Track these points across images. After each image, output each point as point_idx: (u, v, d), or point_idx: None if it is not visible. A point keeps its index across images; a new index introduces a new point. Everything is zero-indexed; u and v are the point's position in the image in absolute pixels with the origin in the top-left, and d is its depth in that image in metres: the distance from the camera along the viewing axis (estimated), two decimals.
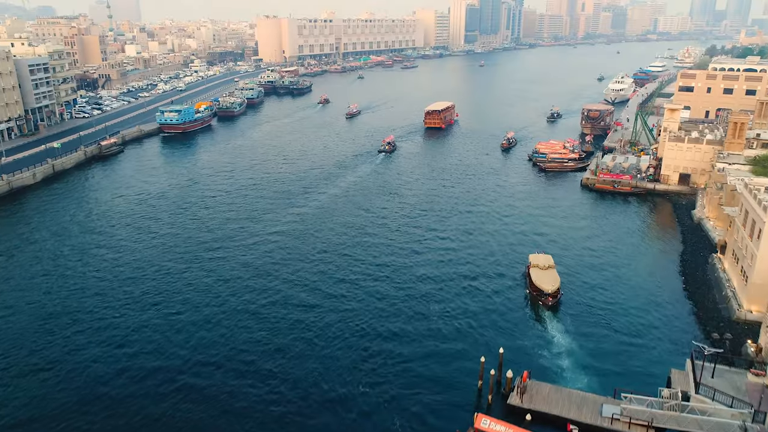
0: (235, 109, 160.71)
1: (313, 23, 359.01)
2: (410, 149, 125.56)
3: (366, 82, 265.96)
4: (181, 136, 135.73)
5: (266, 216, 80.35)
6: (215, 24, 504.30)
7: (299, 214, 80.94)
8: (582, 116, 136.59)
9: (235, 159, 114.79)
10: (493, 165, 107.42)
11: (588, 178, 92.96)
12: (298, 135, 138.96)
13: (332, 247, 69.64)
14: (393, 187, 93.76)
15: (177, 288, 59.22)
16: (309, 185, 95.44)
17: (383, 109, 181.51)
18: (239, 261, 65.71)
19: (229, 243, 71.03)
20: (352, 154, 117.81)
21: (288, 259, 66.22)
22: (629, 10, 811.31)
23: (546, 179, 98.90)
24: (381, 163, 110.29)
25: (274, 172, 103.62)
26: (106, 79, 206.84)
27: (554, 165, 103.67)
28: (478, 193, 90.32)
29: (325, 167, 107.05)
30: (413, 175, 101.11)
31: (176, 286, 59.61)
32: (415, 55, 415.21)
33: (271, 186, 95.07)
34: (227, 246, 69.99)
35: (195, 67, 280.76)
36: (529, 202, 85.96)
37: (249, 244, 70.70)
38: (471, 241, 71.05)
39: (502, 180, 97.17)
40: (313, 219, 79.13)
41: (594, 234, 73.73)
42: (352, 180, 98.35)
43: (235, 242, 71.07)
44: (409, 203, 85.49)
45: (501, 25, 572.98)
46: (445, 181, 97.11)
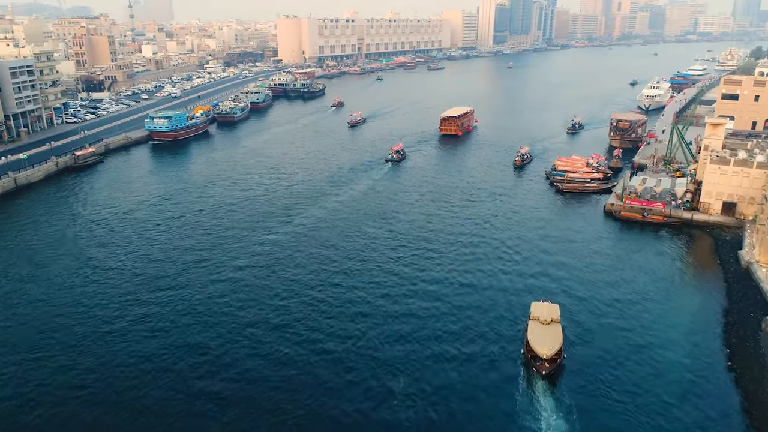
0: (235, 114, 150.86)
1: (335, 23, 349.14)
2: (419, 160, 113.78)
3: (384, 85, 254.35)
4: (171, 145, 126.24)
5: (232, 246, 69.32)
6: (240, 24, 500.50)
7: (269, 244, 69.74)
8: (610, 126, 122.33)
9: (220, 172, 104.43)
10: (505, 184, 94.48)
11: (612, 204, 79.45)
12: (298, 144, 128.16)
13: (298, 289, 58.23)
14: (387, 210, 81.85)
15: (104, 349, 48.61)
16: (293, 205, 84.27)
17: (398, 113, 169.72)
18: (185, 306, 54.82)
19: (180, 279, 60.31)
20: (351, 166, 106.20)
21: (240, 307, 55.02)
22: (668, 10, 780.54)
23: (563, 203, 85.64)
24: (382, 179, 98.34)
25: (258, 189, 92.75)
26: (113, 81, 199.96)
27: (574, 186, 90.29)
28: (483, 219, 77.71)
29: (318, 182, 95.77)
30: (412, 195, 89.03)
31: (101, 347, 48.97)
32: (440, 56, 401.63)
33: (249, 206, 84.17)
34: (178, 284, 59.19)
35: (210, 68, 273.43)
36: (541, 232, 73.05)
37: (203, 283, 59.77)
38: (467, 287, 58.67)
39: (512, 203, 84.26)
40: (283, 250, 67.81)
41: (615, 278, 60.58)
42: (343, 199, 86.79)
43: (188, 278, 60.24)
44: (401, 232, 73.44)
45: (532, 25, 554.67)
46: (447, 204, 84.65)
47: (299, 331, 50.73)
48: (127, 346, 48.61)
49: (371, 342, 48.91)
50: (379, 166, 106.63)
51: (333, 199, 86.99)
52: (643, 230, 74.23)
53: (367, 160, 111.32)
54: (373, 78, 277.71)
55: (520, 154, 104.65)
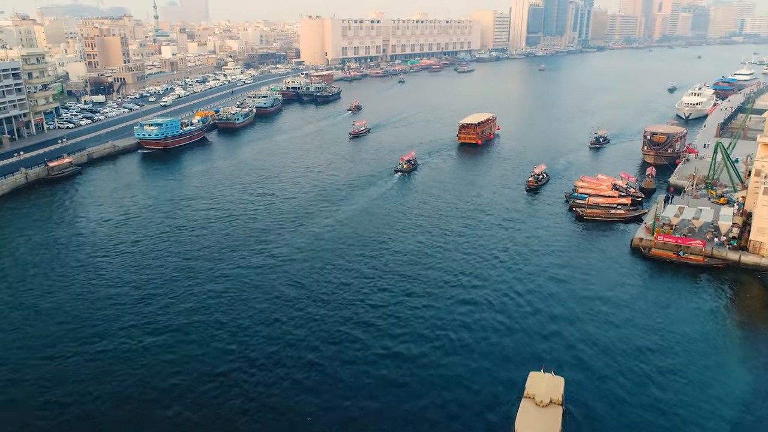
0: (236, 120, 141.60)
1: (359, 24, 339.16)
2: (430, 172, 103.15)
3: (406, 88, 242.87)
4: (162, 154, 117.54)
5: (182, 284, 59.11)
6: (268, 25, 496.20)
7: (230, 279, 59.31)
8: (644, 140, 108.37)
9: (202, 186, 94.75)
10: (517, 207, 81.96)
11: (641, 238, 66.51)
12: (298, 154, 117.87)
13: (249, 340, 47.69)
14: (376, 238, 70.61)
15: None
16: (270, 230, 73.75)
17: (415, 119, 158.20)
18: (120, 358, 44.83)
19: (130, 313, 50.42)
20: (349, 182, 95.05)
21: (171, 363, 44.69)
22: (712, 11, 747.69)
23: (582, 234, 72.93)
24: (379, 198, 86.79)
25: (236, 209, 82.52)
26: (122, 83, 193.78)
27: (596, 212, 77.43)
28: (485, 253, 65.67)
29: (306, 202, 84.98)
30: (409, 217, 77.49)
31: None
32: (468, 58, 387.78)
33: (218, 231, 73.95)
34: (99, 336, 49.25)
35: (228, 70, 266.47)
36: (552, 273, 60.72)
37: (131, 337, 49.67)
38: (456, 350, 47.21)
39: (522, 233, 71.83)
40: (241, 289, 57.25)
41: (640, 341, 48.14)
42: (329, 223, 75.85)
43: (112, 333, 50.22)
44: (386, 269, 61.99)
45: (567, 26, 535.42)
46: (447, 231, 72.71)
47: (221, 412, 40.09)
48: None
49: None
50: (382, 181, 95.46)
51: (320, 222, 76.14)
52: (678, 274, 61.27)
53: (369, 174, 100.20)
54: (395, 81, 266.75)
55: (534, 175, 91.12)
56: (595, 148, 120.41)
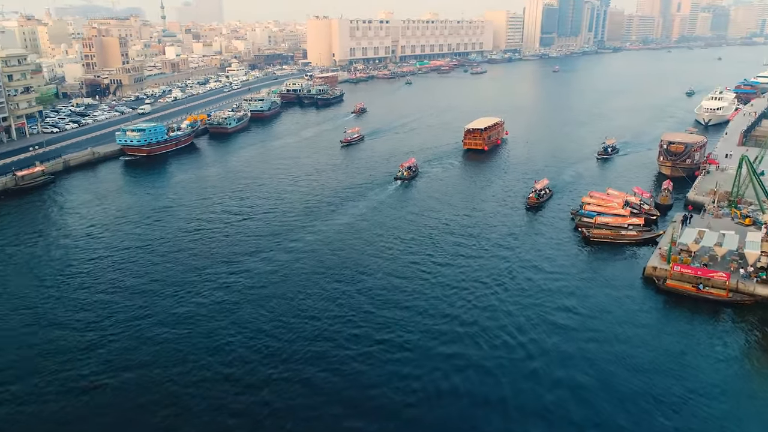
0: (228, 125, 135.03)
1: (367, 24, 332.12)
2: (428, 182, 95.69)
3: (413, 91, 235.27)
4: (146, 161, 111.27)
5: (121, 322, 52.25)
6: (278, 25, 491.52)
7: (188, 311, 52.33)
8: (660, 149, 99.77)
9: (181, 197, 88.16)
10: (518, 226, 74.06)
11: (655, 267, 58.41)
12: (289, 161, 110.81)
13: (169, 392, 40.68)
14: (353, 264, 63.06)
15: None
16: (247, 246, 66.84)
17: (420, 123, 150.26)
18: None
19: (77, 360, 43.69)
20: (337, 193, 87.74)
21: None
22: (732, 11, 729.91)
23: (589, 259, 64.86)
24: (366, 213, 79.27)
25: (212, 222, 75.67)
26: (118, 85, 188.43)
27: (605, 233, 69.36)
28: (478, 286, 57.87)
29: (286, 216, 77.77)
30: (396, 237, 69.84)
31: None
32: (479, 59, 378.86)
33: (190, 248, 67.07)
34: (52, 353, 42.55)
35: (231, 71, 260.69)
36: (554, 310, 52.93)
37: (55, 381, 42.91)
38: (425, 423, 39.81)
39: (521, 260, 63.71)
40: (198, 322, 50.24)
41: (651, 403, 40.33)
42: (310, 241, 68.55)
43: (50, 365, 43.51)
44: (358, 308, 54.18)
45: (582, 26, 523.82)
46: (437, 256, 64.94)
47: None
48: None
49: None
50: (373, 193, 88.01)
51: (300, 240, 68.85)
52: (698, 311, 53.13)
53: (362, 184, 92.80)
54: (402, 82, 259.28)
55: (535, 191, 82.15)
56: (603, 158, 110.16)
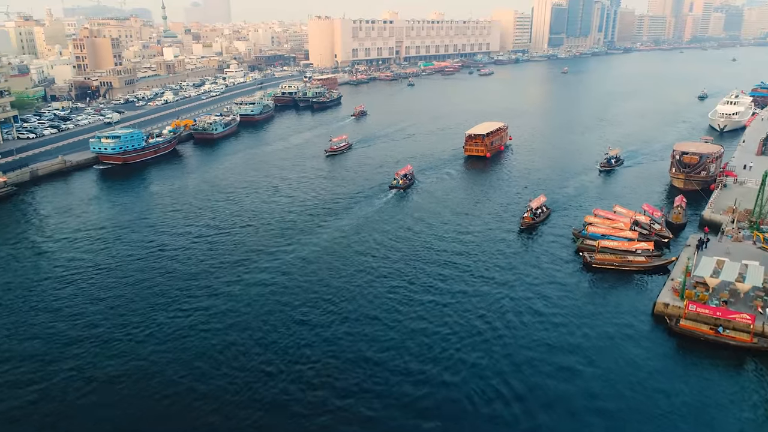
0: (214, 130, 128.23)
1: (370, 24, 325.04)
2: (421, 194, 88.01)
3: (415, 93, 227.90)
4: (122, 170, 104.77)
5: (62, 367, 45.36)
6: (282, 25, 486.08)
7: (137, 344, 45.35)
8: (672, 160, 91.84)
9: (150, 210, 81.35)
10: (512, 248, 66.37)
11: (667, 304, 50.67)
12: (273, 170, 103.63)
13: None
14: (329, 291, 55.87)
15: None
16: (209, 269, 59.84)
17: (417, 130, 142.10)
18: None
19: None
20: (325, 206, 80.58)
21: None
22: (746, 11, 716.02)
23: (591, 289, 57.07)
24: (354, 229, 72.12)
25: (176, 241, 68.72)
26: (108, 88, 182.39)
27: (609, 258, 61.66)
28: (461, 323, 50.44)
29: (264, 234, 70.75)
30: (377, 262, 62.50)
31: None
32: (485, 60, 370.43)
33: (145, 267, 60.16)
34: None
35: (230, 72, 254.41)
36: (542, 350, 45.47)
37: None
38: None
39: (513, 294, 55.83)
40: (141, 359, 43.30)
41: None
42: (277, 267, 61.39)
43: None
44: (318, 360, 47.20)
45: (592, 27, 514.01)
46: (418, 286, 57.47)
47: None
48: None
49: None
50: (359, 207, 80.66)
51: (266, 267, 61.72)
52: (717, 359, 45.42)
53: (348, 196, 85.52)
54: (405, 84, 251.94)
55: (530, 210, 73.36)
56: (605, 171, 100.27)
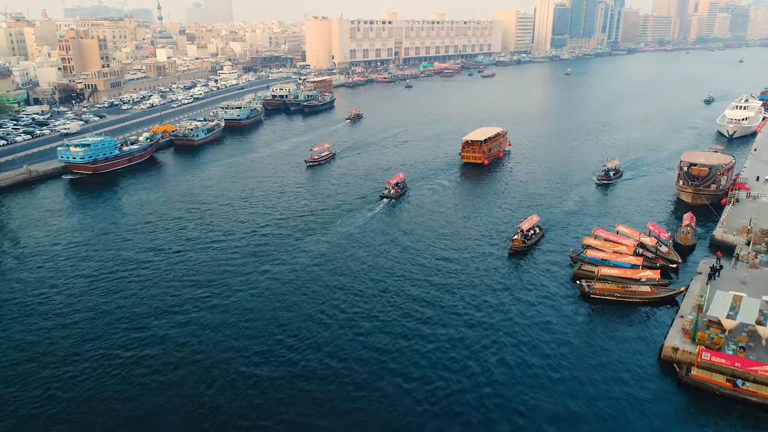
0: (195, 137, 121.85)
1: (369, 25, 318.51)
2: (409, 209, 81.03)
3: (413, 95, 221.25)
4: (92, 180, 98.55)
5: None
6: (281, 26, 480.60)
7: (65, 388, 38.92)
8: (679, 171, 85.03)
9: (113, 226, 74.91)
10: (502, 274, 59.50)
11: (675, 348, 43.96)
12: (253, 181, 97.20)
13: None
14: (297, 326, 49.40)
15: None
16: (169, 299, 53.42)
17: (410, 136, 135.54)
18: None
19: None
20: (300, 224, 74.03)
21: None
22: (752, 11, 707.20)
23: (589, 326, 50.25)
24: (331, 249, 65.55)
25: (135, 262, 62.28)
26: (93, 90, 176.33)
27: (609, 288, 54.90)
28: (435, 369, 43.93)
29: (233, 256, 64.26)
30: (350, 290, 55.95)
31: None
32: (486, 61, 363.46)
33: (81, 304, 53.78)
34: None
35: (223, 74, 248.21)
36: (539, 407, 38.90)
37: None
38: None
39: (498, 334, 48.92)
40: None
41: None
42: (230, 301, 54.99)
43: None
44: (267, 414, 40.80)
45: (596, 27, 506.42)
46: (388, 324, 50.88)
47: None
48: None
49: None
50: (339, 222, 74.15)
51: (230, 295, 55.22)
52: (736, 417, 38.70)
53: (331, 209, 79.01)
54: (402, 86, 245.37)
55: (521, 232, 65.76)
56: (603, 184, 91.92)
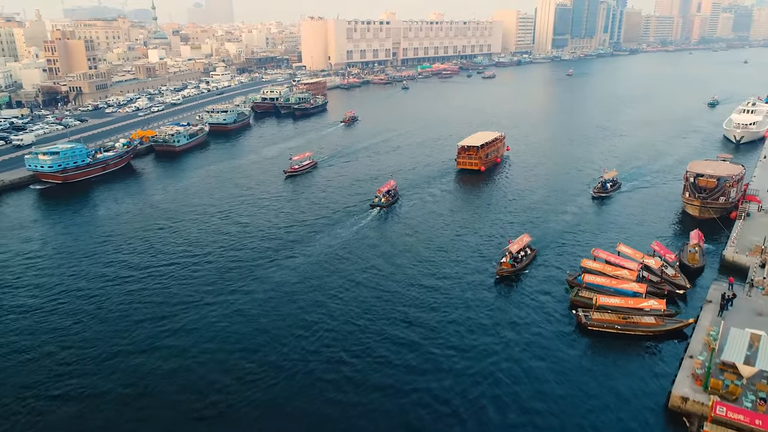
0: (176, 143, 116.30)
1: (366, 25, 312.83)
2: (395, 221, 75.40)
3: (409, 97, 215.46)
4: (61, 189, 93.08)
5: None
6: (279, 26, 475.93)
7: None
8: (685, 183, 79.28)
9: (75, 243, 69.38)
10: (488, 302, 53.57)
11: (686, 399, 38.21)
12: (232, 191, 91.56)
13: None
14: (216, 389, 43.88)
15: None
16: (113, 330, 47.89)
17: (405, 141, 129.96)
18: None
19: None
20: (277, 240, 68.42)
21: None
22: (755, 11, 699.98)
23: (586, 364, 44.46)
24: (309, 267, 59.94)
25: (88, 288, 56.69)
26: (78, 93, 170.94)
27: (609, 319, 49.17)
28: (410, 410, 38.39)
29: (196, 281, 58.71)
30: (319, 323, 50.40)
31: None
32: (485, 62, 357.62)
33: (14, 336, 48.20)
34: None
35: (216, 75, 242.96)
36: None
37: None
38: None
39: (484, 379, 43.60)
40: None
41: None
42: (186, 339, 49.42)
43: None
44: None
45: (597, 27, 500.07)
46: (362, 364, 45.37)
47: None
48: None
49: None
50: (321, 239, 68.59)
51: (184, 330, 49.66)
52: None
53: (311, 222, 73.41)
54: (399, 88, 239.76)
55: (509, 254, 58.63)
56: (600, 197, 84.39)
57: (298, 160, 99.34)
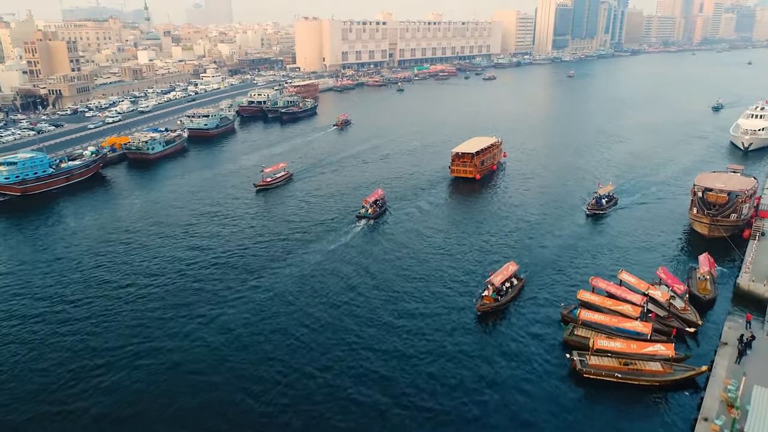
0: (150, 150, 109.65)
1: (362, 26, 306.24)
2: (374, 243, 68.10)
3: (404, 100, 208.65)
4: (20, 202, 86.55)
5: None
6: (275, 27, 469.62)
7: None
8: (693, 198, 72.52)
9: (29, 264, 62.94)
10: (469, 346, 46.47)
11: None
12: (202, 205, 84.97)
13: None
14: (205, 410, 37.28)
15: None
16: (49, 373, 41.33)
17: (397, 145, 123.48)
18: None
19: None
20: (247, 259, 61.75)
21: None
22: (758, 11, 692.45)
23: (579, 424, 38.04)
24: (276, 297, 53.26)
25: (11, 323, 50.19)
26: (57, 96, 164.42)
27: (608, 365, 42.45)
28: None
29: (154, 309, 52.11)
30: (281, 354, 43.79)
31: None
32: (484, 63, 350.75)
33: None
34: None
35: (206, 77, 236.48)
36: None
37: None
38: None
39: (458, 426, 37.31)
40: None
41: None
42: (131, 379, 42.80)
43: None
44: None
45: (599, 28, 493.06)
46: (314, 418, 38.82)
47: None
48: None
49: None
50: (295, 260, 61.98)
51: (136, 365, 43.07)
52: None
53: (285, 239, 66.73)
54: (394, 90, 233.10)
55: (492, 287, 51.09)
56: (595, 214, 76.97)
57: (271, 172, 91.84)
